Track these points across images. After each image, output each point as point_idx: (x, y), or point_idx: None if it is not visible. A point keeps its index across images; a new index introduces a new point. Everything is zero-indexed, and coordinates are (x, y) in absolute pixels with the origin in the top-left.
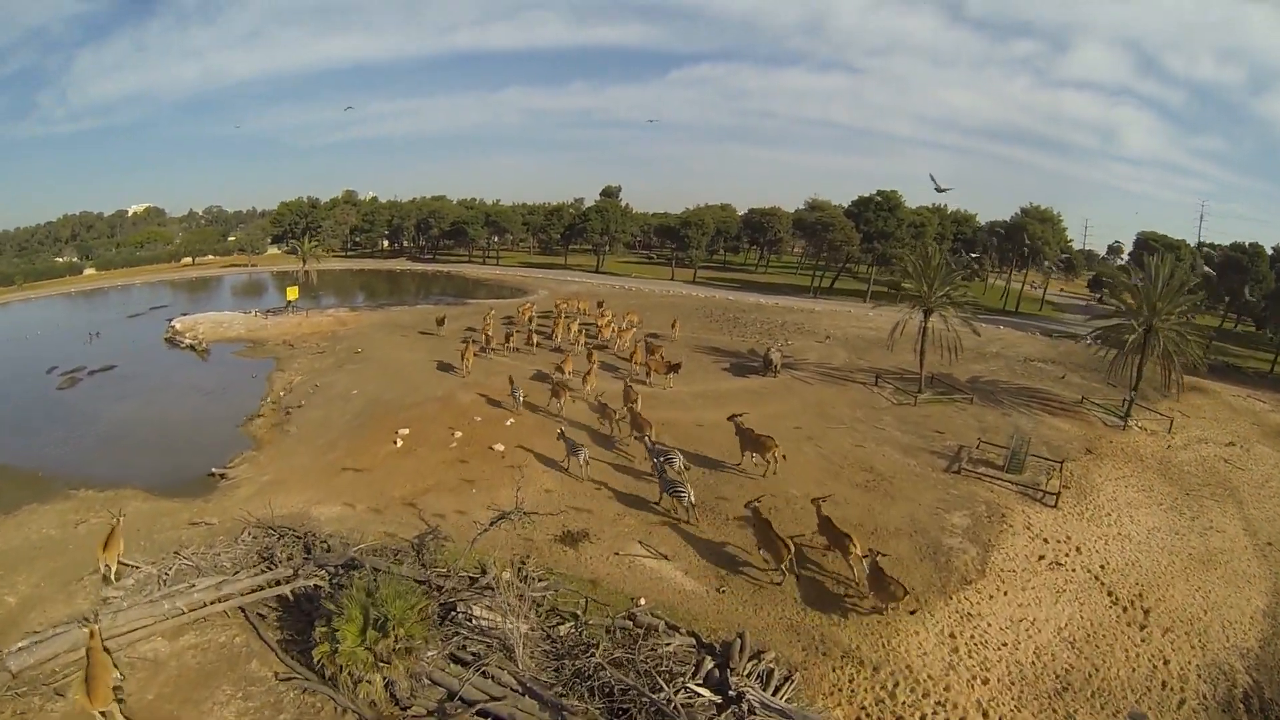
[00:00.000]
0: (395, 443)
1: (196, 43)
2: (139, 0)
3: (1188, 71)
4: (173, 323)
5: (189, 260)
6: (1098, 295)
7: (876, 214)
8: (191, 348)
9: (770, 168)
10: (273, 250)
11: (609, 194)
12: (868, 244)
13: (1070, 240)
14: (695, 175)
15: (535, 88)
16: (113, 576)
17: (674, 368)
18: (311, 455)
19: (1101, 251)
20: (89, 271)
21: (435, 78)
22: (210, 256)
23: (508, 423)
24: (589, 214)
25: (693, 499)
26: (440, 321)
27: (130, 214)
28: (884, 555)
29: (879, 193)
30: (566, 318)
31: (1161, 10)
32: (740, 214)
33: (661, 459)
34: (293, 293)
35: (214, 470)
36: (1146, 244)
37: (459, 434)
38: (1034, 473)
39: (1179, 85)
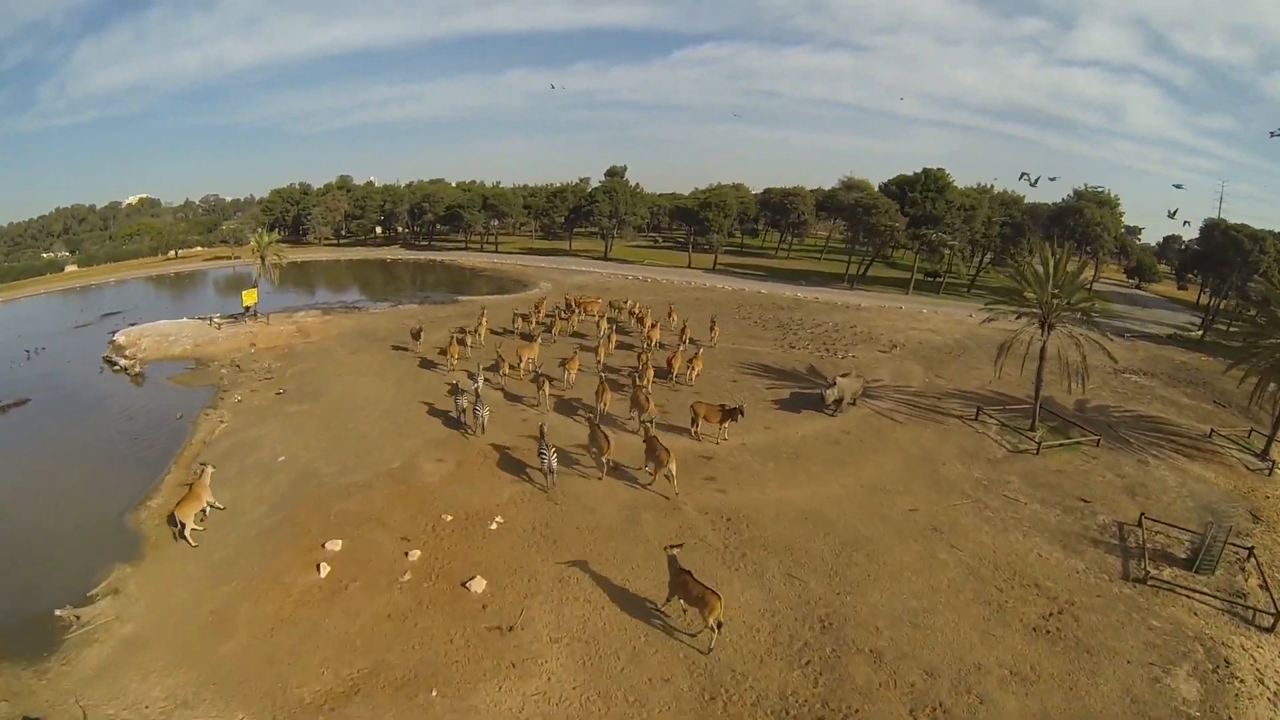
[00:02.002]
0: (319, 569)
1: (196, 31)
2: None
3: (1196, 49)
4: (116, 337)
5: (172, 254)
6: (1135, 282)
7: (923, 195)
8: (125, 370)
9: (773, 149)
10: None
11: (614, 174)
12: (914, 228)
13: (1124, 227)
14: (698, 156)
15: (538, 69)
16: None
17: (731, 414)
18: (199, 584)
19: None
20: (70, 269)
21: (437, 61)
22: (199, 249)
23: (492, 525)
24: (596, 195)
25: (553, 465)
26: (416, 335)
27: (124, 206)
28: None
29: (924, 171)
30: (575, 317)
31: None
32: (754, 194)
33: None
34: (250, 297)
35: (61, 613)
36: (1223, 232)
37: (416, 554)
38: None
39: (1187, 63)
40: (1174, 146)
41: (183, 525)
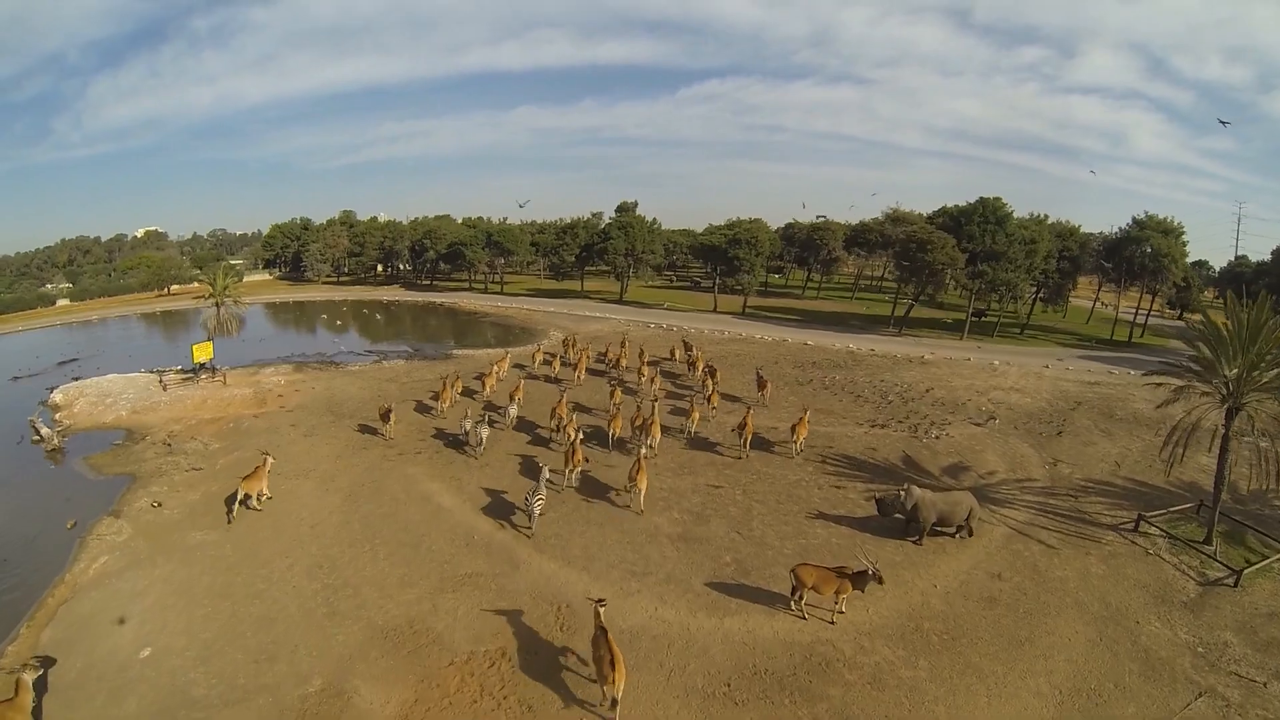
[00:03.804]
0: None
1: (209, 68)
2: (153, 26)
3: (1195, 72)
4: (53, 395)
5: (165, 290)
6: (1177, 313)
7: (981, 228)
8: (44, 443)
9: (778, 182)
10: (261, 275)
11: (625, 210)
12: (973, 266)
13: (1188, 256)
14: (705, 193)
15: (544, 106)
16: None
17: (857, 579)
18: None
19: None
20: (62, 303)
21: (445, 99)
22: (195, 285)
23: None
24: (610, 231)
25: (535, 513)
26: (385, 416)
27: (130, 239)
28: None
29: (980, 201)
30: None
31: (1167, 11)
32: (774, 229)
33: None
34: (202, 352)
35: None
36: None
37: None
38: None
39: (1187, 86)
40: (1179, 169)
41: (246, 497)
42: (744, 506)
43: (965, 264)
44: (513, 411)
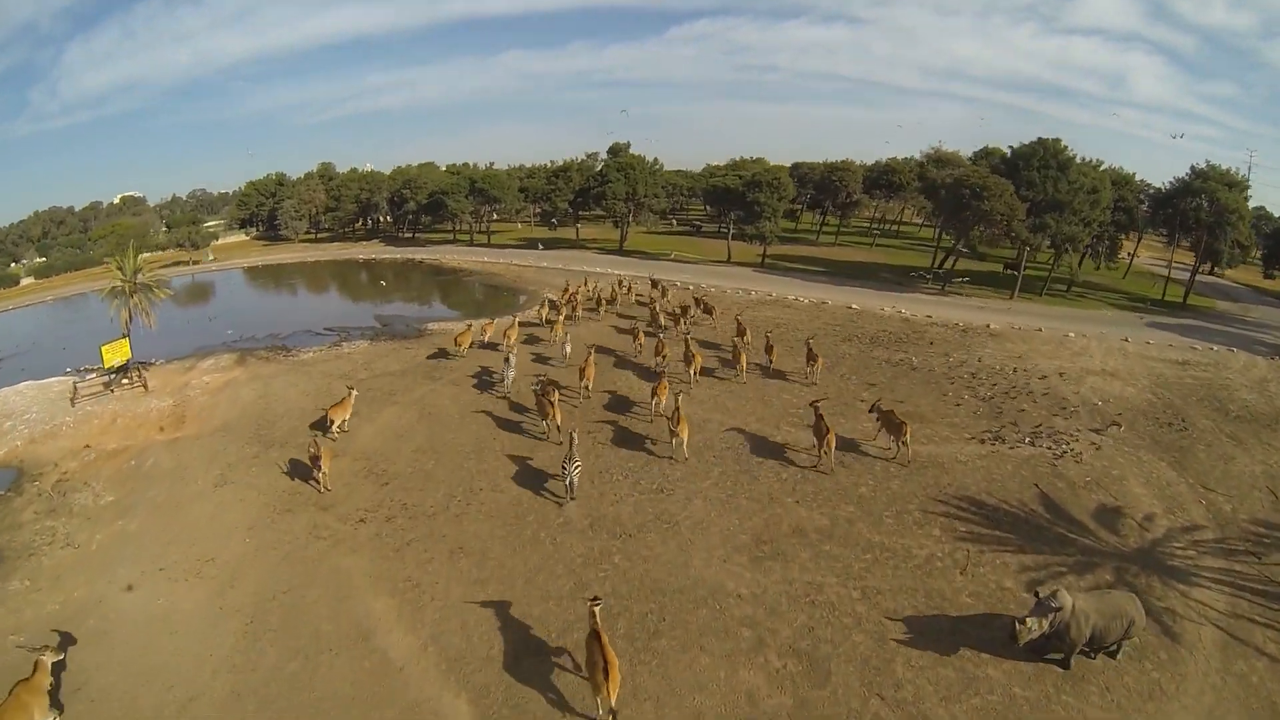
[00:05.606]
0: None
1: (185, 26)
2: None
3: (1198, 16)
4: None
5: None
6: (1208, 267)
7: (1042, 174)
8: None
9: (768, 123)
10: (238, 236)
11: (617, 152)
12: (1035, 217)
13: (1252, 210)
14: (696, 134)
15: (533, 50)
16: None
17: None
18: None
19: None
20: (27, 281)
21: (431, 45)
22: (168, 251)
23: None
24: (608, 173)
25: (575, 481)
26: (314, 460)
27: (105, 206)
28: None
29: (1039, 142)
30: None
31: None
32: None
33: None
34: (116, 352)
35: None
36: None
37: None
38: None
39: (1190, 30)
40: (1177, 114)
41: (332, 422)
42: (873, 630)
43: (1026, 215)
44: (567, 349)
